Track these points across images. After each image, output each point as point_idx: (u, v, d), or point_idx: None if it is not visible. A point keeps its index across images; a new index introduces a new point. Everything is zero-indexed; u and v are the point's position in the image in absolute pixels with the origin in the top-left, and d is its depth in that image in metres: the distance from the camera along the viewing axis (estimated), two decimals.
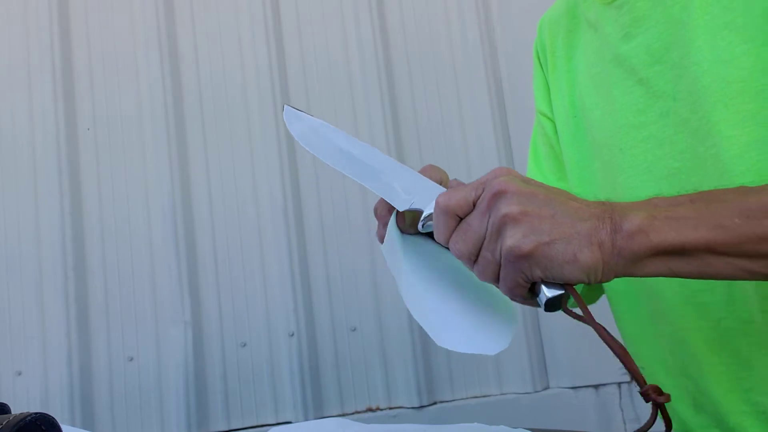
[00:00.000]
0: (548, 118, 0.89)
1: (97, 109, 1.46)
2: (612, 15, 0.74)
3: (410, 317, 1.38)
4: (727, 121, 0.61)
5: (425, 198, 0.58)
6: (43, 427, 0.48)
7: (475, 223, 0.51)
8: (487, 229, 0.51)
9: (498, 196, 0.50)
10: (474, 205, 0.52)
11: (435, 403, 1.40)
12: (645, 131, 0.69)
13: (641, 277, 0.51)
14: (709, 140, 0.62)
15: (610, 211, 0.50)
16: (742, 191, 0.51)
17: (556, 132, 0.87)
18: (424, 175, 0.61)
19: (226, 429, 1.37)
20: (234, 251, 1.43)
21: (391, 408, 1.40)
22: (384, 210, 0.62)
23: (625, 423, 1.37)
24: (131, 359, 1.38)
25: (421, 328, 1.46)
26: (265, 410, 1.38)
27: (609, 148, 0.74)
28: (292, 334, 1.39)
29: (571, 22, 0.83)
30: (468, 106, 1.50)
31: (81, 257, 1.39)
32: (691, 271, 0.51)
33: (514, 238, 0.49)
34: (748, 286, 0.61)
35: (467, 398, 1.41)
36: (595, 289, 0.84)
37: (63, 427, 0.51)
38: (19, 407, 0.56)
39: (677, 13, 0.66)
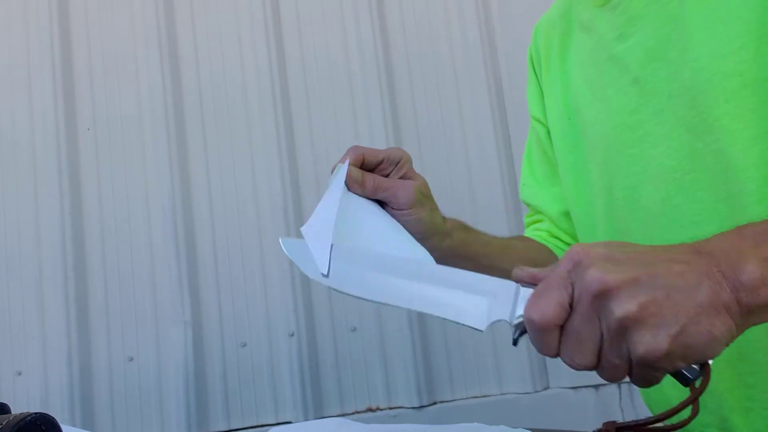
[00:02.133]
0: (542, 124, 0.89)
1: (97, 109, 1.46)
2: (606, 16, 0.74)
3: (410, 317, 1.38)
4: (729, 116, 0.61)
5: (502, 304, 0.51)
6: (43, 427, 0.48)
7: (585, 332, 0.46)
8: (602, 335, 0.45)
9: (601, 296, 0.44)
10: (571, 307, 0.46)
11: (435, 403, 1.40)
12: (640, 130, 0.69)
13: (763, 323, 0.48)
14: (710, 136, 0.62)
15: (716, 263, 0.45)
16: None
17: (549, 137, 0.87)
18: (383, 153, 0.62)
19: (226, 429, 1.37)
20: (234, 251, 1.43)
21: (391, 408, 1.40)
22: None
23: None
24: (131, 359, 1.38)
25: (420, 328, 1.45)
26: (265, 410, 1.38)
27: (604, 149, 0.74)
28: (292, 334, 1.39)
29: (566, 24, 0.83)
30: (468, 106, 1.50)
31: (81, 257, 1.39)
32: None
33: (644, 344, 0.44)
34: None
35: (467, 398, 1.41)
36: None
37: (63, 427, 0.51)
38: (19, 407, 0.56)
39: (673, 11, 0.66)
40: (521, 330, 0.49)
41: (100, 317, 1.39)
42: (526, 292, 0.49)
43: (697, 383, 0.47)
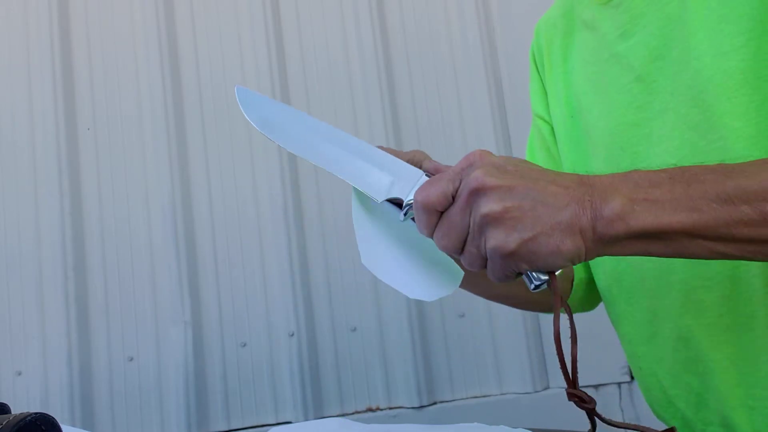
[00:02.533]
0: (545, 121, 0.89)
1: (97, 109, 1.46)
2: (609, 14, 0.74)
3: (410, 317, 1.38)
4: (731, 114, 0.61)
5: (403, 185, 0.58)
6: (43, 427, 0.48)
7: (456, 219, 0.52)
8: (469, 225, 0.52)
9: (476, 193, 0.51)
10: (453, 199, 0.53)
11: (435, 403, 1.40)
12: (644, 128, 0.69)
13: (618, 255, 0.53)
14: (714, 134, 0.62)
15: (590, 193, 0.50)
16: (721, 171, 0.51)
17: (553, 135, 0.87)
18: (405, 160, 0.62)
19: (226, 429, 1.37)
20: (234, 251, 1.43)
21: (391, 408, 1.40)
22: None
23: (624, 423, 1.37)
24: (131, 359, 1.38)
25: (420, 328, 1.45)
26: (265, 410, 1.38)
27: (608, 147, 0.74)
28: (292, 334, 1.39)
29: (567, 23, 0.83)
30: (468, 106, 1.50)
31: (81, 257, 1.39)
32: (667, 253, 0.52)
33: (497, 239, 0.50)
34: (752, 281, 0.61)
35: (467, 398, 1.41)
36: (590, 296, 0.84)
37: (63, 427, 0.51)
38: (19, 407, 0.56)
39: (674, 9, 0.66)
40: (410, 209, 0.56)
41: (100, 317, 1.39)
42: (425, 180, 0.56)
43: (532, 290, 0.52)
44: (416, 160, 0.67)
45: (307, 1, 1.51)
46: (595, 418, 0.54)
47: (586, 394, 0.53)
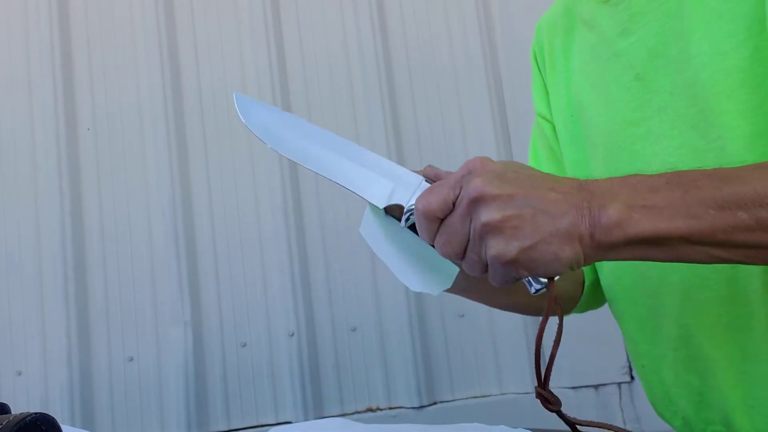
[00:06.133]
0: (547, 120, 0.89)
1: (97, 109, 1.46)
2: (609, 12, 0.74)
3: (410, 317, 1.38)
4: (730, 113, 0.61)
5: (404, 191, 0.58)
6: (43, 427, 0.48)
7: (457, 226, 0.52)
8: (469, 233, 0.52)
9: (476, 201, 0.51)
10: (453, 206, 0.53)
11: (435, 403, 1.40)
12: (643, 127, 0.69)
13: (618, 260, 0.54)
14: (712, 133, 0.62)
15: (588, 200, 0.51)
16: (718, 176, 0.51)
17: (555, 134, 0.87)
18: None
19: (226, 429, 1.37)
20: (234, 251, 1.43)
21: (391, 408, 1.40)
22: None
23: (625, 423, 1.37)
24: (131, 359, 1.38)
25: (420, 328, 1.45)
26: (265, 410, 1.38)
27: (607, 146, 0.74)
28: (292, 334, 1.39)
29: (568, 22, 0.83)
30: (469, 110, 1.50)
31: (81, 257, 1.39)
32: (666, 258, 0.53)
33: (497, 248, 0.50)
34: (751, 281, 0.61)
35: (467, 398, 1.41)
36: (598, 295, 0.84)
37: (63, 427, 0.51)
38: (19, 407, 0.56)
39: (674, 8, 0.66)
40: (410, 215, 0.57)
41: (100, 317, 1.39)
42: (426, 186, 0.57)
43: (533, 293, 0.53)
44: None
45: (308, 4, 1.51)
46: (564, 418, 0.55)
47: (552, 394, 0.54)
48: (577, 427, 0.56)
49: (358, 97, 1.48)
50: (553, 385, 0.57)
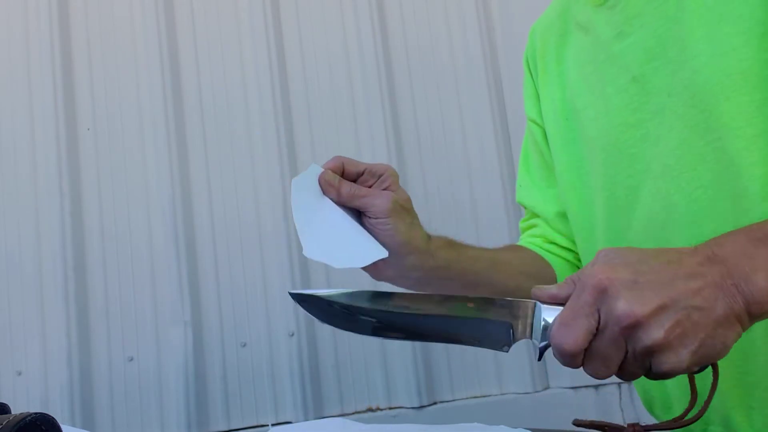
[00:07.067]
0: (538, 125, 0.89)
1: (97, 110, 1.46)
2: (604, 15, 0.74)
3: None
4: (730, 114, 0.61)
5: (523, 325, 0.54)
6: (43, 427, 0.48)
7: (610, 352, 0.50)
8: (627, 353, 0.50)
9: (632, 327, 0.48)
10: (596, 330, 0.50)
11: (435, 403, 1.40)
12: (641, 129, 0.69)
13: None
14: (712, 134, 0.62)
15: (728, 275, 0.49)
16: None
17: (545, 138, 0.87)
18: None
19: (226, 429, 1.37)
20: (234, 251, 1.43)
21: (391, 408, 1.40)
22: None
23: (624, 423, 1.37)
24: (131, 359, 1.38)
25: None
26: (265, 410, 1.38)
27: (605, 148, 0.74)
28: (292, 334, 1.39)
29: (562, 25, 0.83)
30: (469, 111, 1.50)
31: (81, 257, 1.39)
32: None
33: (670, 363, 0.49)
34: None
35: (467, 398, 1.41)
36: None
37: (63, 427, 0.51)
38: (19, 407, 0.56)
39: (671, 9, 0.66)
40: (545, 349, 0.53)
41: (100, 317, 1.39)
42: (545, 310, 0.53)
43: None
44: (377, 171, 0.72)
45: (308, 5, 1.51)
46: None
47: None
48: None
49: (358, 97, 1.48)
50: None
